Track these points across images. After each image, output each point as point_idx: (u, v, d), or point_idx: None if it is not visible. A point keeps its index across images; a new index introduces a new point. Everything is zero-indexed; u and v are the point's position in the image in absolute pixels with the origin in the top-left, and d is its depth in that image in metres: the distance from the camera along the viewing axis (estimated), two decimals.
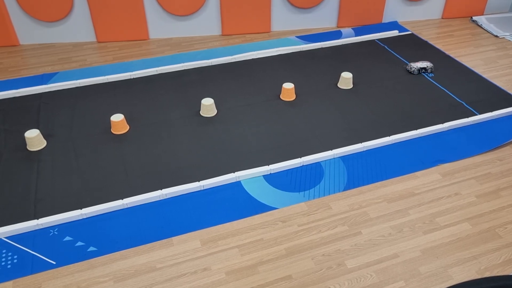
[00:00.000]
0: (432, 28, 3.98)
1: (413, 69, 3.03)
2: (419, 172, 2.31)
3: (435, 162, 2.37)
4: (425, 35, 3.80)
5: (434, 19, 4.16)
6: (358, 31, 3.85)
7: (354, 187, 2.22)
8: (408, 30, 3.86)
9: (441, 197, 2.16)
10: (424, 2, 4.05)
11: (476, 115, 2.70)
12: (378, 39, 3.68)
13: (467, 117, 2.67)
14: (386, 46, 3.56)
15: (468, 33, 3.88)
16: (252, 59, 3.37)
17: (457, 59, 3.38)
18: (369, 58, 3.38)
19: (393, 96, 2.91)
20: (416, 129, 2.56)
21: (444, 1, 4.09)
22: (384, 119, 2.69)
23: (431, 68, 3.06)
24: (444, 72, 3.18)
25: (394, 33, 3.77)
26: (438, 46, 3.58)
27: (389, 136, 2.51)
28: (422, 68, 3.03)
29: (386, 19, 4.04)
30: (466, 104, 2.82)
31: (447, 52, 3.48)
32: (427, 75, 3.12)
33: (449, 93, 2.93)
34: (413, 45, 3.60)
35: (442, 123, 2.61)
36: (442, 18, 4.17)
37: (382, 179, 2.26)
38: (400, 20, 4.08)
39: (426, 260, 1.83)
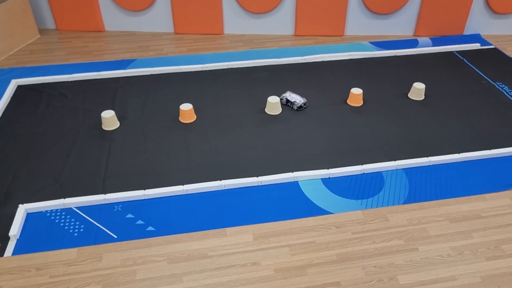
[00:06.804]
0: None
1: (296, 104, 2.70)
2: (488, 194, 2.18)
3: (508, 186, 2.22)
4: (510, 51, 3.56)
5: None
6: (436, 41, 3.69)
7: (415, 201, 2.14)
8: (491, 44, 3.64)
9: (511, 223, 2.02)
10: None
11: None
12: (457, 51, 3.50)
13: None
14: (465, 59, 3.38)
15: None
16: (322, 61, 3.35)
17: None
18: (445, 70, 3.23)
19: (467, 112, 2.76)
20: (490, 149, 2.42)
21: None
22: (455, 135, 2.56)
23: (306, 103, 2.76)
24: None
25: (476, 46, 3.57)
26: None
27: (459, 153, 2.39)
28: (300, 106, 2.72)
29: (468, 31, 3.84)
30: None
31: None
32: (507, 92, 2.93)
33: None
34: (495, 60, 3.39)
35: None
36: None
37: (446, 197, 2.16)
38: (484, 33, 3.85)
39: None
